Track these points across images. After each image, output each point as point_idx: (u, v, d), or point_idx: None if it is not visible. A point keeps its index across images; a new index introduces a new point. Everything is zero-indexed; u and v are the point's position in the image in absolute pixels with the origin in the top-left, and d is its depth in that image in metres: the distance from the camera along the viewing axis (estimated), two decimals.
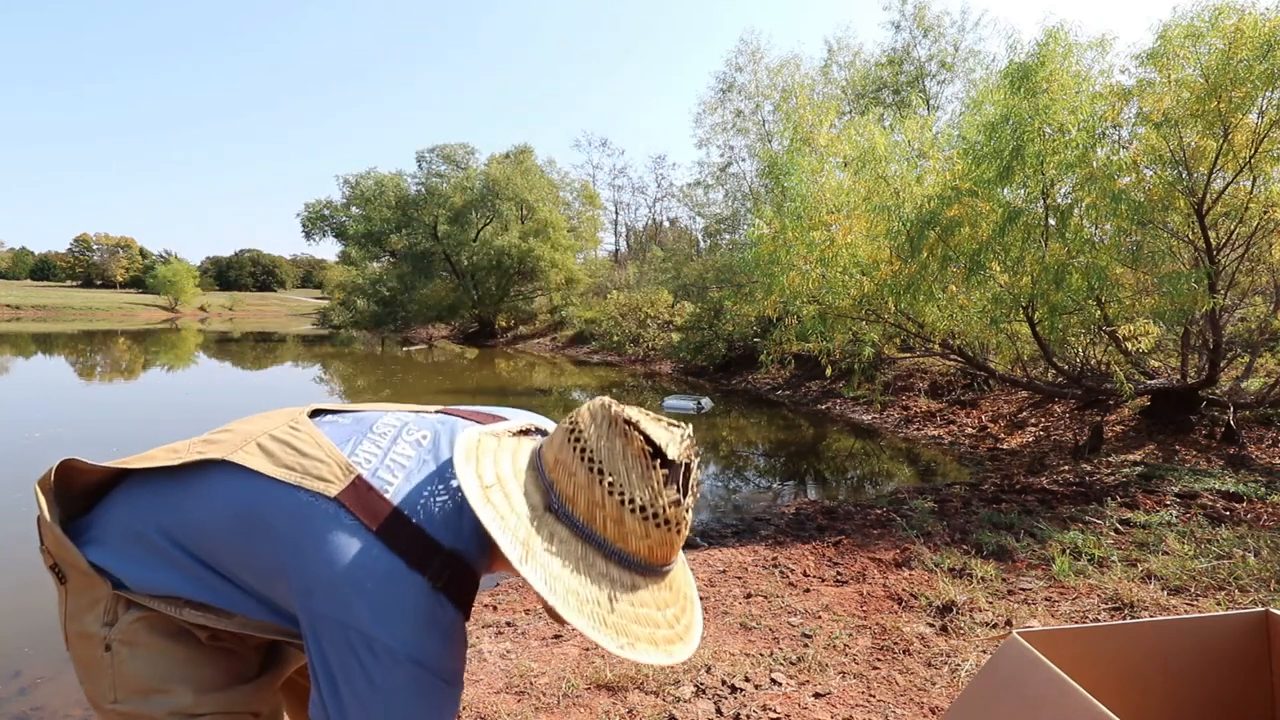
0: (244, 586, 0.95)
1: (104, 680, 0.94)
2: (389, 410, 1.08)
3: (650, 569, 0.86)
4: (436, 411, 1.11)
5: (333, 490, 0.90)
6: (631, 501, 0.82)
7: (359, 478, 0.92)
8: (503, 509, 0.84)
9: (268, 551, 0.90)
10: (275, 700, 1.10)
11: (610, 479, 0.82)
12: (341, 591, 0.84)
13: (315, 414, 1.07)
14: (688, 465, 0.87)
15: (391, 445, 0.98)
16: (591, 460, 0.83)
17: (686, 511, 0.86)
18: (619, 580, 0.84)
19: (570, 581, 0.81)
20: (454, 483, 0.93)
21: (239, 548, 0.93)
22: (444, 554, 0.89)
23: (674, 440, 0.86)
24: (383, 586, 0.85)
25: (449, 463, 0.96)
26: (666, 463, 0.84)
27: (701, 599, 3.44)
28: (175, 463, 0.96)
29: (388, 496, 0.90)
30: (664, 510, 0.83)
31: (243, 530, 0.92)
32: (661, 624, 0.86)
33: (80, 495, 1.03)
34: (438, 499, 0.92)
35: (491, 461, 0.90)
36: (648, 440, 0.84)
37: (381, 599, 0.84)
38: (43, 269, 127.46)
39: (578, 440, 0.85)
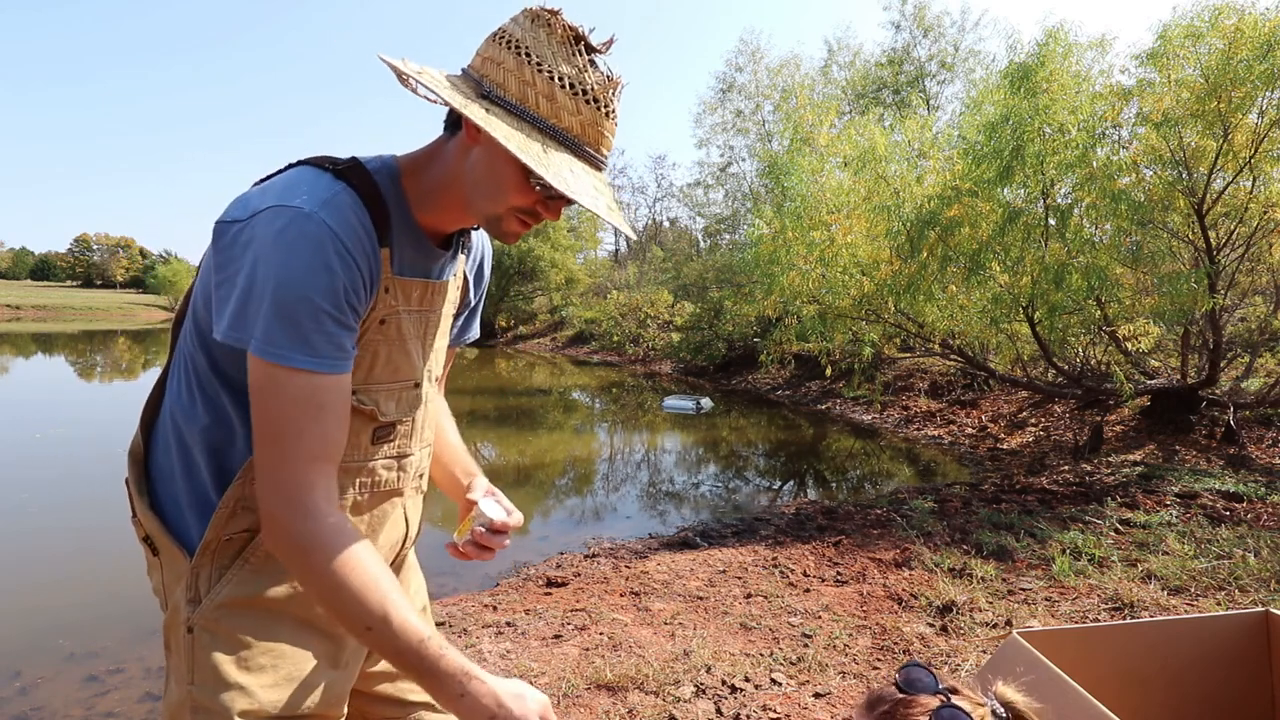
0: None
1: (184, 659, 0.91)
2: None
3: (584, 151, 0.88)
4: None
5: None
6: (561, 78, 0.84)
7: None
8: (436, 86, 0.85)
9: None
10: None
11: (537, 59, 0.84)
12: None
13: None
14: (616, 81, 0.89)
15: None
16: (518, 47, 0.85)
17: (614, 97, 0.88)
18: (554, 148, 0.86)
19: (507, 129, 0.82)
20: None
21: None
22: None
23: (592, 33, 0.88)
24: None
25: None
26: (590, 49, 0.87)
27: (701, 599, 3.45)
28: None
29: None
30: (593, 87, 0.86)
31: None
32: (601, 191, 0.89)
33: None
34: None
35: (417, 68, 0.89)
36: (569, 27, 0.86)
37: None
38: (43, 269, 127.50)
39: (502, 36, 0.87)
